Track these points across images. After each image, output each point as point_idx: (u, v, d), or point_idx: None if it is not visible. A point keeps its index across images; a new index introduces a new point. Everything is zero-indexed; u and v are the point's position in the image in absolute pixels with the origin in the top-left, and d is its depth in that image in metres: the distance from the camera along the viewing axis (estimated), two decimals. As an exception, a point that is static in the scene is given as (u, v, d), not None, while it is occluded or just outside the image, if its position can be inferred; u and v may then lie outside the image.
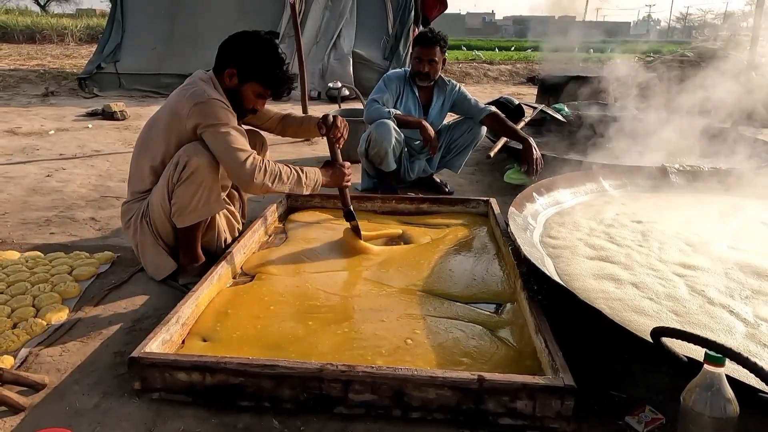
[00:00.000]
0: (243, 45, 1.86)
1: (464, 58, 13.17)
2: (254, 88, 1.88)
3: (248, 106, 1.92)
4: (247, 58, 1.85)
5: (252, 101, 1.91)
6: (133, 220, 1.93)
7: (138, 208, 1.93)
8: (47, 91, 7.26)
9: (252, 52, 1.84)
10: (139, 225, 1.91)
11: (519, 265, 1.83)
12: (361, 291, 1.83)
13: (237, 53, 1.85)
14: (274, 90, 1.91)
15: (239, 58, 1.85)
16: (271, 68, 1.86)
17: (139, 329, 1.67)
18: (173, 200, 1.81)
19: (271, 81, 1.88)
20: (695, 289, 1.69)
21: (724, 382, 1.02)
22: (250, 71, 1.85)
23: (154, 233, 1.91)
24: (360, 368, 1.27)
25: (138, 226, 1.92)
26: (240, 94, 1.88)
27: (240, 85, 1.87)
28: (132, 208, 1.95)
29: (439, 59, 2.90)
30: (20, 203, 2.86)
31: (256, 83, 1.87)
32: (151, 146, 1.89)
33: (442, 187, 3.23)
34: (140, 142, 1.96)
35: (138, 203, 1.94)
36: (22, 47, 14.39)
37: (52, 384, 1.40)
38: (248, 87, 1.87)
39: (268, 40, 1.87)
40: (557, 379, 1.24)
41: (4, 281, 1.88)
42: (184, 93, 1.83)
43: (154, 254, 1.93)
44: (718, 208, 2.47)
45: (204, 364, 1.29)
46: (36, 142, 4.39)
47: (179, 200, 1.80)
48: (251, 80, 1.86)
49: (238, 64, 1.85)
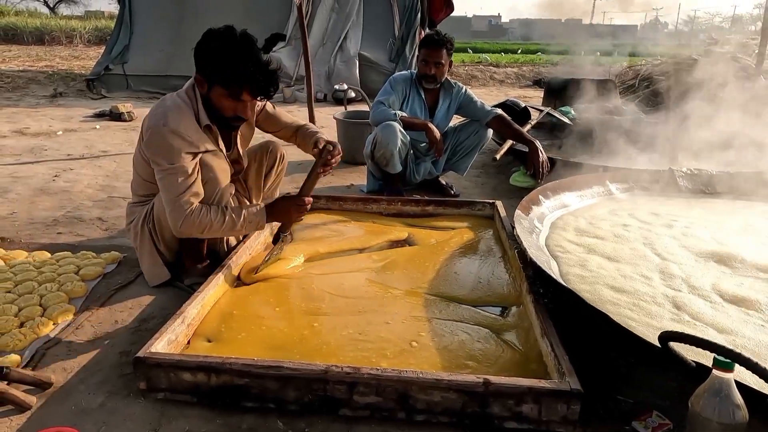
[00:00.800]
0: (205, 46, 1.68)
1: (470, 60, 13.16)
2: (220, 92, 1.69)
3: (227, 114, 1.73)
4: (206, 60, 1.67)
5: (229, 108, 1.72)
6: (134, 225, 1.93)
7: (140, 213, 1.91)
8: (56, 92, 7.32)
9: (209, 51, 1.66)
10: (140, 230, 1.90)
11: (525, 268, 1.82)
12: (367, 293, 1.83)
13: (201, 56, 1.69)
14: (246, 90, 1.67)
15: (200, 61, 1.69)
16: (233, 65, 1.63)
17: (144, 329, 1.67)
18: None
19: (232, 81, 1.65)
20: (701, 293, 1.67)
21: (733, 387, 1.01)
22: (211, 74, 1.68)
23: (154, 240, 1.89)
24: (365, 370, 1.26)
25: (139, 231, 1.90)
26: (212, 101, 1.72)
27: (208, 91, 1.71)
28: (135, 211, 1.95)
29: (445, 62, 2.90)
30: (28, 203, 2.88)
31: (220, 86, 1.68)
32: (138, 159, 1.86)
33: (448, 189, 3.22)
34: (135, 150, 1.90)
35: (141, 207, 1.93)
36: (31, 48, 14.51)
37: (58, 383, 1.40)
38: (215, 92, 1.70)
39: (228, 35, 1.66)
40: (563, 383, 1.23)
41: (12, 280, 1.90)
42: (154, 108, 1.75)
43: (151, 262, 1.92)
44: (724, 210, 2.45)
45: (209, 364, 1.29)
46: (44, 143, 4.42)
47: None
48: (215, 83, 1.68)
49: (201, 68, 1.70)
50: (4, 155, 3.94)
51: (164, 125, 1.67)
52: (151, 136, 1.70)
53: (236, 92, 1.68)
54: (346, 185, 3.40)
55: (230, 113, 1.74)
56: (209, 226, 1.71)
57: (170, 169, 1.68)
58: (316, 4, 7.73)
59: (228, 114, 1.74)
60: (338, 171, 3.74)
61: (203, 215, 1.70)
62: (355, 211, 2.65)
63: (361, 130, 3.72)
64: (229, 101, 1.70)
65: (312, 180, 1.95)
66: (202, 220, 1.69)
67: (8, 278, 1.91)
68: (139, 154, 1.83)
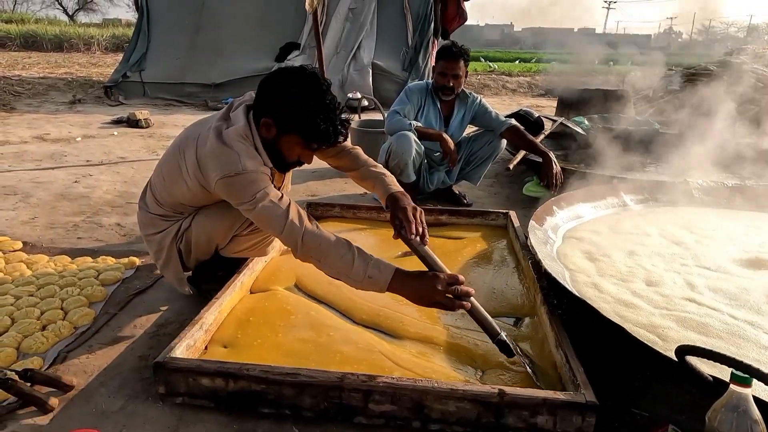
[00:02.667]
0: (280, 89, 1.52)
1: (482, 69, 13.18)
2: (295, 141, 1.56)
3: (291, 160, 1.62)
4: (284, 107, 1.51)
5: (295, 154, 1.60)
6: (159, 238, 1.79)
7: (168, 228, 1.78)
8: (74, 99, 7.46)
9: (290, 99, 1.50)
10: (167, 246, 1.78)
11: (539, 279, 1.82)
12: (381, 301, 1.84)
13: (273, 100, 1.53)
14: (320, 141, 1.56)
15: (275, 106, 1.53)
16: (314, 118, 1.50)
17: (162, 334, 1.70)
18: (230, 242, 1.80)
19: (314, 134, 1.53)
20: (715, 307, 1.66)
21: (751, 403, 1.01)
22: (288, 122, 1.53)
23: (182, 258, 1.81)
24: (381, 378, 1.28)
25: (166, 247, 1.78)
26: (279, 147, 1.58)
27: (278, 137, 1.56)
28: (159, 224, 1.79)
29: (462, 73, 2.92)
30: (49, 208, 2.94)
31: (297, 135, 1.55)
32: (175, 179, 1.69)
33: (461, 198, 3.23)
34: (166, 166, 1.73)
35: (167, 222, 1.78)
36: (50, 55, 14.81)
37: (79, 386, 1.43)
38: (288, 139, 1.56)
39: (311, 82, 1.51)
40: (578, 395, 1.23)
41: (34, 284, 1.94)
42: (214, 151, 1.53)
43: (176, 277, 1.86)
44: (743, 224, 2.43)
45: (227, 370, 1.31)
46: (64, 149, 4.51)
47: (237, 246, 1.82)
48: (290, 132, 1.55)
49: (275, 113, 1.53)
50: (25, 161, 4.03)
51: (244, 170, 1.49)
52: (230, 183, 1.49)
53: (312, 144, 1.58)
54: (360, 193, 3.42)
55: (294, 158, 1.63)
56: (325, 255, 1.45)
57: (262, 204, 1.48)
58: (330, 13, 7.82)
59: (292, 160, 1.63)
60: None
61: (317, 240, 1.46)
62: (369, 219, 2.67)
63: (375, 139, 3.74)
64: (300, 149, 1.59)
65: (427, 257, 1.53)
66: (319, 243, 1.46)
67: (31, 282, 1.95)
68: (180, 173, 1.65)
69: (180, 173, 1.66)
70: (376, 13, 7.97)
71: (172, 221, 1.79)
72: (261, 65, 7.42)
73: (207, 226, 1.75)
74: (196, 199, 1.71)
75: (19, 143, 4.67)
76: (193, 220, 1.77)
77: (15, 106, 6.81)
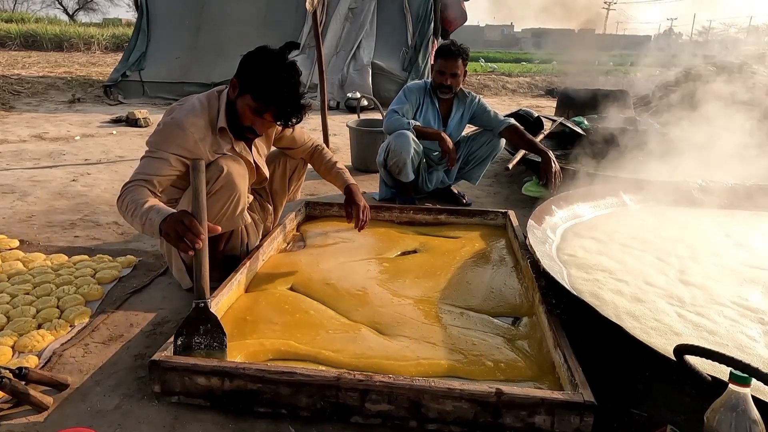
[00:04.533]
0: (254, 58, 1.76)
1: (482, 70, 13.19)
2: (248, 101, 1.75)
3: (244, 123, 1.80)
4: (248, 69, 1.75)
5: (248, 118, 1.78)
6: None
7: None
8: (74, 98, 7.45)
9: (255, 63, 1.74)
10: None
11: (538, 279, 1.81)
12: (378, 301, 1.83)
13: (243, 63, 1.78)
14: (271, 110, 1.75)
15: (243, 68, 1.77)
16: (270, 83, 1.71)
17: (159, 333, 1.69)
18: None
19: (265, 96, 1.73)
20: (720, 307, 1.66)
21: (750, 402, 1.00)
22: (246, 82, 1.75)
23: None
24: (377, 378, 1.27)
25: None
26: (236, 106, 1.79)
27: (237, 96, 1.78)
28: None
29: (461, 72, 2.91)
30: (46, 206, 2.93)
31: (249, 95, 1.74)
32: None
33: (460, 198, 3.22)
34: None
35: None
36: (50, 55, 14.80)
37: (74, 384, 1.42)
38: (242, 99, 1.76)
39: (279, 57, 1.73)
40: (577, 395, 1.22)
41: (30, 282, 1.93)
42: (173, 106, 1.87)
43: (177, 268, 1.94)
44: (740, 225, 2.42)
45: (223, 369, 1.30)
46: (62, 147, 4.50)
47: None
48: (246, 92, 1.75)
49: (240, 74, 1.77)
50: (24, 159, 4.02)
51: (171, 118, 1.77)
52: (157, 127, 1.79)
53: (261, 108, 1.75)
54: (359, 193, 3.41)
55: (247, 123, 1.80)
56: (128, 210, 1.62)
57: (152, 152, 1.73)
58: (330, 13, 7.82)
59: (245, 123, 1.80)
60: (350, 179, 3.76)
61: (132, 193, 1.64)
62: (367, 218, 2.66)
63: (374, 138, 3.74)
64: (251, 114, 1.77)
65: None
66: (125, 198, 1.63)
67: (27, 280, 1.94)
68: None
69: None
70: (375, 12, 7.96)
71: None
72: (261, 65, 7.40)
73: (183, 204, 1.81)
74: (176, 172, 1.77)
75: (18, 142, 4.66)
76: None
77: (14, 105, 6.81)
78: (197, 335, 1.44)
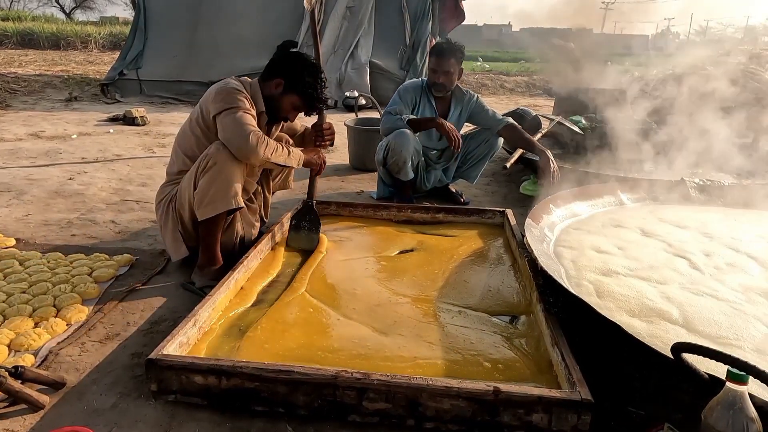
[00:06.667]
0: (294, 61, 2.06)
1: (480, 69, 13.18)
2: (293, 101, 2.07)
3: (283, 115, 2.12)
4: (295, 73, 2.05)
5: (288, 111, 2.11)
6: (163, 202, 2.08)
7: (169, 192, 2.08)
8: (71, 97, 7.42)
9: (301, 68, 2.05)
10: (165, 209, 2.06)
11: (535, 277, 1.81)
12: (376, 300, 1.83)
13: (288, 67, 2.05)
14: (309, 106, 2.12)
15: (289, 71, 2.05)
16: (313, 87, 2.07)
17: (156, 331, 1.69)
18: (196, 189, 1.91)
19: (309, 98, 2.08)
20: (715, 298, 1.66)
21: (747, 400, 1.00)
22: (295, 84, 2.05)
23: (177, 219, 2.02)
24: (375, 376, 1.27)
25: (165, 209, 2.06)
26: (279, 102, 2.08)
27: (282, 94, 2.07)
28: (165, 190, 2.11)
29: (454, 70, 2.89)
30: (43, 205, 2.92)
31: (297, 96, 2.06)
32: (184, 136, 2.08)
33: (458, 197, 3.22)
34: (179, 131, 2.14)
35: (171, 186, 2.09)
36: (47, 53, 14.73)
37: (71, 383, 1.42)
38: (288, 98, 2.07)
39: (317, 64, 2.11)
40: (574, 393, 1.22)
41: (27, 281, 1.92)
42: (218, 83, 2.05)
43: (173, 238, 2.05)
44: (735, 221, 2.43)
45: (220, 367, 1.30)
46: (59, 146, 4.49)
47: (200, 189, 1.90)
48: (293, 92, 2.06)
49: (287, 75, 2.05)
50: (20, 158, 4.00)
51: (227, 84, 2.00)
52: (224, 94, 1.96)
53: (303, 107, 2.11)
54: (357, 191, 3.41)
55: (285, 114, 2.13)
56: (275, 149, 1.95)
57: (233, 108, 1.92)
58: (328, 11, 7.80)
59: (283, 114, 2.13)
60: (348, 177, 3.76)
61: (270, 140, 1.96)
62: (365, 217, 2.66)
63: (372, 137, 3.73)
64: (292, 109, 2.11)
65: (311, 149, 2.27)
66: (271, 143, 1.94)
67: (23, 279, 1.94)
68: (188, 127, 2.07)
69: (189, 127, 2.06)
70: (373, 11, 7.95)
71: (176, 185, 2.06)
72: (258, 63, 7.32)
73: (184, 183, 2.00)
74: (198, 143, 2.01)
75: (14, 140, 4.64)
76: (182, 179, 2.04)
77: (10, 103, 6.78)
78: (304, 221, 2.26)
